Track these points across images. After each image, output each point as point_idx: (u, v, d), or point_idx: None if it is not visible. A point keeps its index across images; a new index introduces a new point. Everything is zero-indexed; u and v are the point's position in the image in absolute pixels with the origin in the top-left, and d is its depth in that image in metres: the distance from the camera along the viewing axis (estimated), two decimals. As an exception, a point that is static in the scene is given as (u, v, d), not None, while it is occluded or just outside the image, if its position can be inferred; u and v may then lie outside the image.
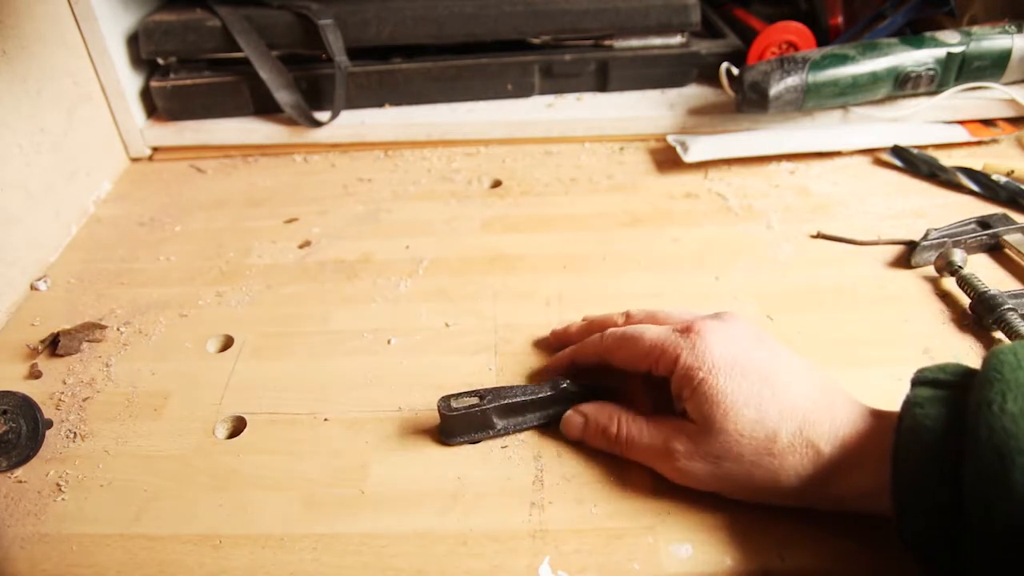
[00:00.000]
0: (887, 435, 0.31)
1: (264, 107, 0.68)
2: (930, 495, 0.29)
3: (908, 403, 0.31)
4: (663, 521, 0.35)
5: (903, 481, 0.30)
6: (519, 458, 0.39)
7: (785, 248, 0.53)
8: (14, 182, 0.52)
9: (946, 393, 0.31)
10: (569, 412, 0.39)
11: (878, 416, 0.33)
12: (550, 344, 0.46)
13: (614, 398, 0.40)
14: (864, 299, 0.48)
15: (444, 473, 0.38)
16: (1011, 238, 0.50)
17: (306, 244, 0.56)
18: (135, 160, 0.69)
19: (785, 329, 0.46)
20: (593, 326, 0.43)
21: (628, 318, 0.42)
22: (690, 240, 0.54)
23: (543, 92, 0.71)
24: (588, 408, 0.39)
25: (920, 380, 0.32)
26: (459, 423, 0.39)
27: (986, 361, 0.30)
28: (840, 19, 0.73)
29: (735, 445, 0.33)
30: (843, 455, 0.32)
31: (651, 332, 0.37)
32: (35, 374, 0.45)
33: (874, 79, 0.61)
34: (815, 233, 0.54)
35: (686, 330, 0.36)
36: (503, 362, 0.45)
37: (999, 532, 0.26)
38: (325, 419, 0.41)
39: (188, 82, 0.66)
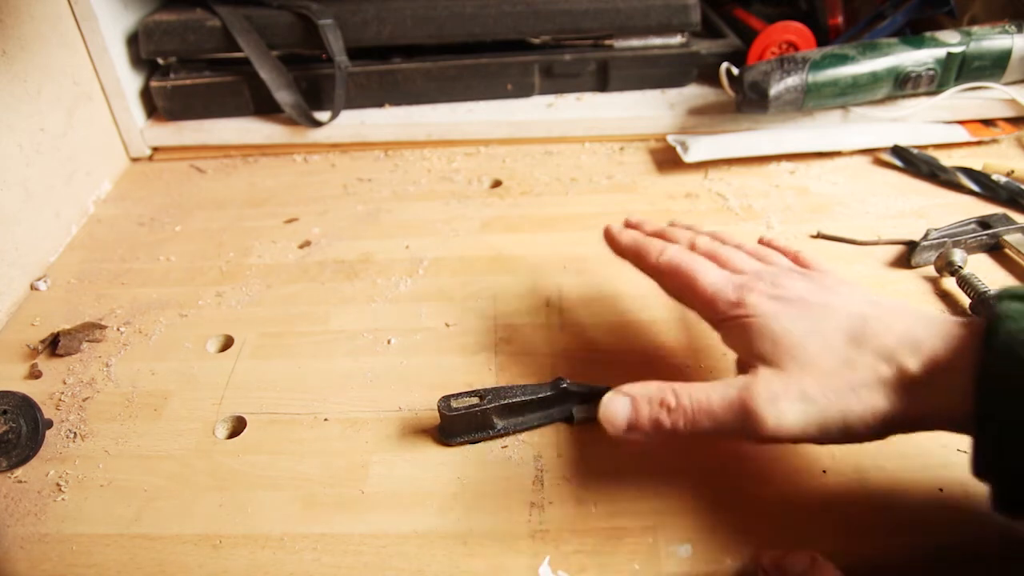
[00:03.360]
0: (977, 349, 0.28)
1: (264, 107, 0.68)
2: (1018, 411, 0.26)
3: (997, 317, 0.28)
4: (663, 521, 0.35)
5: (992, 409, 0.27)
6: (519, 458, 0.39)
7: (785, 248, 0.53)
8: (14, 182, 0.52)
9: None
10: (608, 395, 0.33)
11: (965, 326, 0.30)
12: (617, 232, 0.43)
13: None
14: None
15: (444, 473, 0.38)
16: (1011, 238, 0.50)
17: (306, 244, 0.56)
18: (135, 160, 0.69)
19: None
20: (661, 236, 0.41)
21: (693, 247, 0.40)
22: (690, 240, 0.54)
23: (543, 92, 0.71)
24: (631, 387, 0.33)
25: (1007, 294, 0.29)
26: (459, 423, 0.39)
27: None
28: (840, 19, 0.73)
29: (816, 376, 0.30)
30: (929, 368, 0.29)
31: (709, 276, 0.36)
32: (35, 374, 0.45)
33: (874, 79, 0.61)
34: (815, 233, 0.54)
35: (740, 287, 0.35)
36: (503, 362, 0.45)
37: None
38: (325, 419, 0.41)
39: (188, 82, 0.66)
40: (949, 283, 0.48)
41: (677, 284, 0.37)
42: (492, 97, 0.70)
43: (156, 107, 0.68)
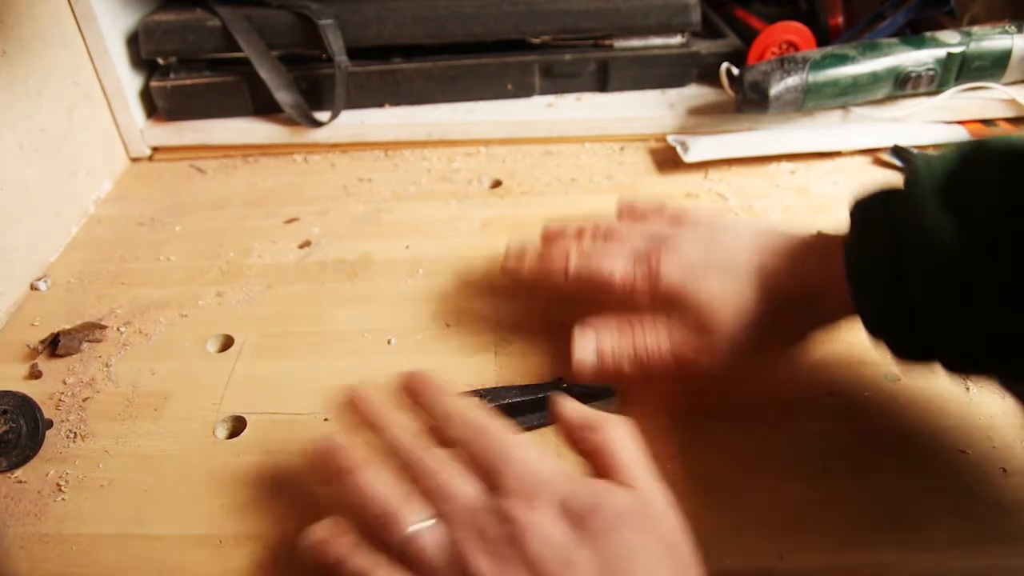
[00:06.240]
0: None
1: (264, 107, 0.68)
2: (878, 273, 0.33)
3: (852, 219, 0.36)
4: (663, 521, 0.35)
5: (853, 269, 0.34)
6: (519, 458, 0.39)
7: (785, 248, 0.53)
8: (14, 182, 0.52)
9: (880, 204, 0.36)
10: (575, 337, 0.39)
11: (832, 245, 0.37)
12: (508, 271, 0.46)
13: (615, 401, 0.40)
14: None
15: (444, 473, 0.38)
16: (1011, 238, 0.50)
17: (306, 244, 0.56)
18: (135, 160, 0.69)
19: (785, 329, 0.46)
20: (550, 244, 0.45)
21: (582, 239, 0.44)
22: (690, 240, 0.54)
23: (543, 92, 0.71)
24: (595, 324, 0.39)
25: (857, 202, 0.37)
26: (459, 423, 0.39)
27: (910, 170, 0.34)
28: (840, 19, 0.73)
29: (728, 317, 0.37)
30: (806, 297, 0.37)
31: (618, 267, 0.40)
32: (35, 374, 0.45)
33: (874, 79, 0.61)
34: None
35: (645, 259, 0.39)
36: (503, 362, 0.45)
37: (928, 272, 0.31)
38: (325, 419, 0.41)
39: (188, 82, 0.66)
40: (949, 283, 0.48)
41: (594, 287, 0.40)
42: (492, 97, 0.70)
43: (156, 107, 0.68)
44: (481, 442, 0.30)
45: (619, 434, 0.31)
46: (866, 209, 0.36)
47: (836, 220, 0.54)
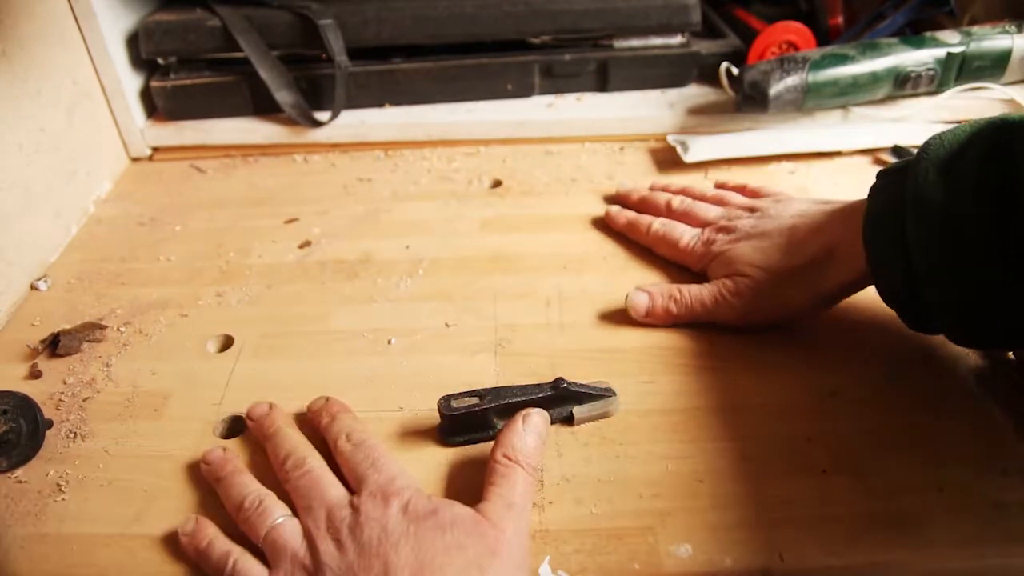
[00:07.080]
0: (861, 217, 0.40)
1: (264, 107, 0.68)
2: (892, 254, 0.37)
3: (871, 190, 0.40)
4: (663, 521, 0.35)
5: (872, 255, 0.39)
6: (519, 458, 0.39)
7: (785, 248, 0.53)
8: (14, 182, 0.52)
9: (896, 177, 0.39)
10: (631, 292, 0.46)
11: (853, 211, 0.41)
12: (612, 198, 0.59)
13: (615, 400, 0.40)
14: (864, 299, 0.48)
15: (444, 473, 0.38)
16: (1011, 238, 0.50)
17: (306, 244, 0.56)
18: (135, 160, 0.69)
19: (785, 328, 0.46)
20: (646, 206, 0.55)
21: (670, 211, 0.53)
22: (690, 240, 0.54)
23: (543, 92, 0.71)
24: (648, 286, 0.47)
25: (881, 172, 0.41)
26: (459, 423, 0.39)
27: (924, 145, 0.38)
28: (840, 19, 0.73)
29: (763, 276, 0.44)
30: (831, 247, 0.42)
31: (684, 239, 0.50)
32: (35, 374, 0.45)
33: (874, 79, 0.61)
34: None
35: (706, 241, 0.48)
36: (503, 362, 0.45)
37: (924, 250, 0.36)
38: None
39: (188, 82, 0.66)
40: (949, 283, 0.48)
41: (664, 249, 0.51)
42: (492, 97, 0.70)
43: (156, 107, 0.68)
44: (359, 454, 0.37)
45: (517, 475, 0.34)
46: (883, 183, 0.40)
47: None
